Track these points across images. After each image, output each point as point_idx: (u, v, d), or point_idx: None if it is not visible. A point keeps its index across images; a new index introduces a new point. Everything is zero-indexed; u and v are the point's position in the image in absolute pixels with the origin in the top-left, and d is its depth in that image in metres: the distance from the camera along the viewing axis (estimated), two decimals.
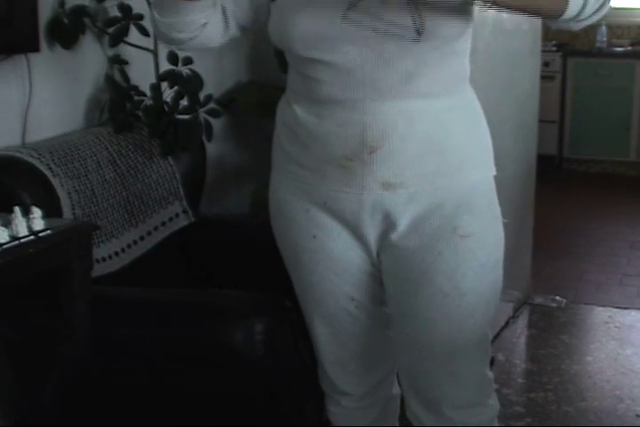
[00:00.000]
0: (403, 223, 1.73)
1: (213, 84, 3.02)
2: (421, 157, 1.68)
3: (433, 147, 1.69)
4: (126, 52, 2.59)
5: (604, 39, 6.00)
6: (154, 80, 2.56)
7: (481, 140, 1.79)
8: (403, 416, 2.06)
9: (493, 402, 1.92)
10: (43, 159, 2.16)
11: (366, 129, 1.65)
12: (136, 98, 2.54)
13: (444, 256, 1.73)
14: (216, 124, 2.69)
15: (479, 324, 1.82)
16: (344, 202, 1.73)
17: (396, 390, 2.07)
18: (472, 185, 1.75)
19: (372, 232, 1.76)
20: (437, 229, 1.73)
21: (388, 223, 1.74)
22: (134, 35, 2.52)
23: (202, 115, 2.58)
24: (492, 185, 1.81)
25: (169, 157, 2.53)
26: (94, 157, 2.32)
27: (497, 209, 1.82)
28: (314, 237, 1.79)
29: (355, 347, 1.92)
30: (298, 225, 1.81)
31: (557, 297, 3.74)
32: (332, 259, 1.81)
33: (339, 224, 1.77)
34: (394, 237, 1.74)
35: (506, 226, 1.88)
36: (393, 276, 1.80)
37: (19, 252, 1.71)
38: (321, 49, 1.64)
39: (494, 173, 1.81)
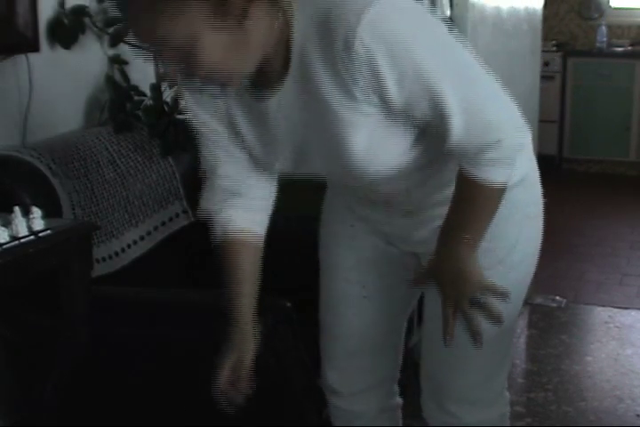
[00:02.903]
0: (429, 234, 1.71)
1: None
2: (441, 189, 1.66)
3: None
4: (126, 52, 2.59)
5: (604, 39, 6.00)
6: (154, 80, 2.56)
7: None
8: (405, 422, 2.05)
9: (502, 403, 1.92)
10: (43, 159, 2.16)
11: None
12: (136, 98, 2.54)
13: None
14: None
15: (505, 325, 1.80)
16: (377, 219, 1.77)
17: (398, 401, 2.05)
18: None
19: (407, 240, 1.77)
20: None
21: (420, 235, 1.74)
22: None
23: None
24: (528, 183, 1.78)
25: (169, 157, 2.53)
26: (94, 157, 2.32)
27: (531, 209, 1.82)
28: (351, 226, 1.81)
29: (356, 344, 1.90)
30: (339, 216, 1.84)
31: (557, 297, 3.74)
32: (360, 246, 1.82)
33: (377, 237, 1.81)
34: (428, 245, 1.71)
35: None
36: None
37: (19, 252, 1.71)
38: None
39: (528, 170, 1.78)
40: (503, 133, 1.47)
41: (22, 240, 1.73)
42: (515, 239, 1.75)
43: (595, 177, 6.09)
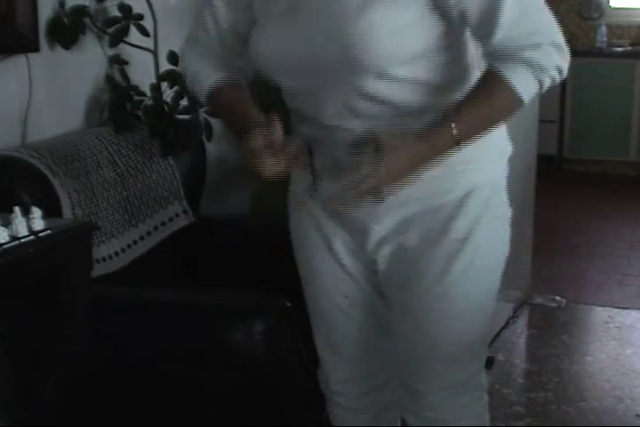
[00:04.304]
0: (396, 226, 1.71)
1: None
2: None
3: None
4: (126, 52, 2.59)
5: (604, 39, 6.00)
6: (154, 80, 2.56)
7: (479, 144, 1.69)
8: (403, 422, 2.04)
9: (469, 411, 1.89)
10: (43, 159, 2.16)
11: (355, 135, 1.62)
12: (136, 98, 2.54)
13: (438, 260, 1.71)
14: (216, 124, 2.69)
15: (468, 326, 1.79)
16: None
17: (396, 397, 2.05)
18: (467, 189, 1.71)
19: (367, 234, 1.74)
20: (431, 232, 1.70)
21: (384, 225, 1.72)
22: (134, 35, 2.52)
23: (202, 115, 2.58)
24: (496, 183, 1.78)
25: (169, 157, 2.53)
26: (94, 157, 2.32)
27: (499, 208, 1.78)
28: (315, 229, 1.80)
29: (347, 349, 1.91)
30: (304, 216, 1.81)
31: (557, 297, 3.73)
32: (329, 250, 1.80)
33: (344, 231, 1.77)
34: (390, 239, 1.73)
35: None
36: (387, 276, 1.78)
37: (19, 252, 1.72)
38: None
39: (500, 174, 1.78)
40: (546, 39, 1.53)
41: (22, 240, 1.73)
42: (485, 240, 1.74)
43: (595, 177, 6.09)
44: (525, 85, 1.55)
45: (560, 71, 1.58)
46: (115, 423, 2.08)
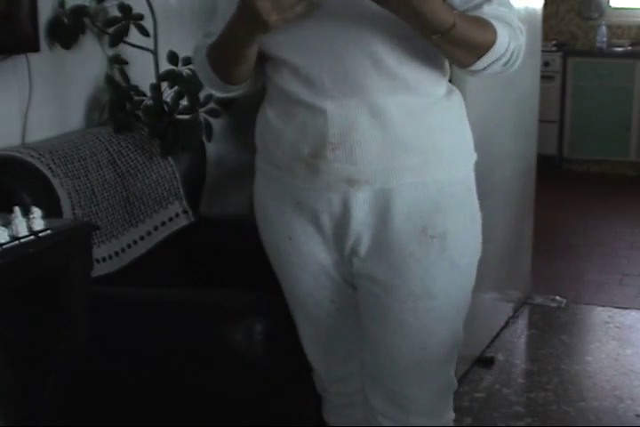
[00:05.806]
0: (370, 222, 1.71)
1: None
2: (385, 154, 1.65)
3: (397, 143, 1.65)
4: (126, 52, 2.59)
5: (604, 39, 6.00)
6: (154, 80, 2.56)
7: (453, 138, 1.74)
8: None
9: (450, 415, 1.91)
10: (43, 159, 2.16)
11: (327, 126, 1.64)
12: (136, 98, 2.54)
13: (416, 257, 1.70)
14: (216, 124, 2.69)
15: (449, 327, 1.79)
16: (314, 201, 1.71)
17: None
18: (441, 184, 1.71)
19: (343, 232, 1.73)
20: (406, 229, 1.70)
21: (357, 222, 1.71)
22: (134, 35, 2.52)
23: (202, 115, 2.58)
24: (468, 185, 1.77)
25: (169, 157, 2.53)
26: (94, 157, 2.32)
27: (472, 210, 1.78)
28: (289, 238, 1.78)
29: (339, 348, 1.91)
30: (275, 227, 1.81)
31: (557, 297, 3.74)
32: (306, 262, 1.79)
33: (311, 226, 1.75)
34: (364, 236, 1.72)
35: (506, 226, 1.87)
36: (364, 277, 1.77)
37: (19, 252, 1.72)
38: (283, 47, 1.63)
39: (471, 177, 1.78)
40: (517, 24, 1.65)
41: (22, 240, 1.73)
42: (460, 239, 1.74)
43: (595, 177, 6.09)
44: (503, 37, 1.60)
45: (518, 54, 1.65)
46: (115, 423, 2.08)
